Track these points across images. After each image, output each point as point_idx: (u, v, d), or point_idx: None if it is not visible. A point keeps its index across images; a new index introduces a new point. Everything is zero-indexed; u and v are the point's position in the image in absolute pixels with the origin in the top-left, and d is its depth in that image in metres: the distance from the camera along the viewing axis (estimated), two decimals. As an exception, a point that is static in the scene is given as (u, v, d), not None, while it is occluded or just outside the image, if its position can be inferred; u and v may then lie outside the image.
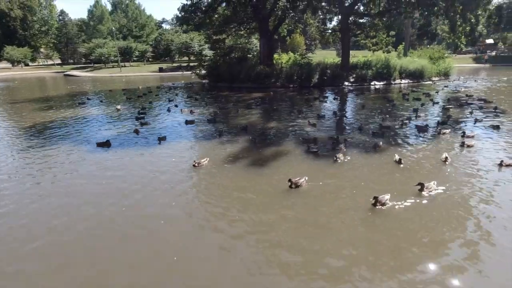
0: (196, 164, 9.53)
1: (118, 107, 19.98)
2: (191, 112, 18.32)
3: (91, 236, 6.34)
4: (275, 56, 37.30)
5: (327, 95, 24.88)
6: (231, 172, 9.32)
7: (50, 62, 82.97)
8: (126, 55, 66.40)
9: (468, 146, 10.88)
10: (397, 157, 9.67)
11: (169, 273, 5.27)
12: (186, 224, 6.74)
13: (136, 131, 14.05)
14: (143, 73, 56.62)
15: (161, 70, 57.78)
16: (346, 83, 30.82)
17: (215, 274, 5.20)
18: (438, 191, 7.65)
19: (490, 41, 75.04)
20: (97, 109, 20.59)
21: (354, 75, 31.42)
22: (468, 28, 28.97)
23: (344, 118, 16.81)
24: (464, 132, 12.27)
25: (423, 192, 7.52)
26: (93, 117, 18.07)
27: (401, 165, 9.33)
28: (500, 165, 9.04)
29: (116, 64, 62.58)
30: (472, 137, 12.01)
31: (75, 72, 59.91)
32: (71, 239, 6.26)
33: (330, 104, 21.47)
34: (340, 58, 35.46)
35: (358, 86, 29.96)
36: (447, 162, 9.28)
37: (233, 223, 6.65)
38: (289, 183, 7.94)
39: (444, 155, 9.51)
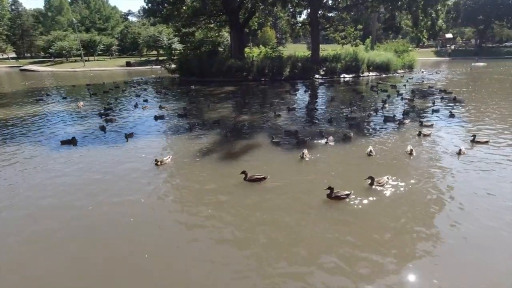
0: (159, 163, 9.08)
1: (80, 104, 18.79)
2: (160, 107, 17.70)
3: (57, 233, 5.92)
4: (247, 49, 37.06)
5: (298, 88, 25.12)
6: (200, 168, 9.10)
7: (3, 55, 76.83)
8: (89, 49, 63.07)
9: (425, 135, 11.26)
10: (369, 149, 9.79)
11: (143, 269, 5.03)
12: (153, 222, 6.48)
13: (103, 128, 13.33)
14: (109, 67, 54.13)
15: (128, 64, 55.56)
16: (317, 76, 31.32)
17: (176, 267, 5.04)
18: (391, 184, 7.61)
19: (449, 35, 79.62)
20: (59, 106, 19.35)
21: (324, 68, 32.00)
22: (429, 22, 30.43)
23: (315, 110, 17.02)
24: (421, 122, 12.85)
25: (373, 186, 7.38)
26: (55, 114, 16.97)
27: (371, 156, 9.54)
28: (459, 153, 9.41)
29: (79, 58, 59.29)
30: (431, 126, 12.60)
31: (33, 67, 56.02)
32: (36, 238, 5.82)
33: (301, 96, 21.68)
34: (310, 52, 35.94)
35: (328, 79, 30.55)
36: (412, 155, 9.34)
37: (192, 219, 6.50)
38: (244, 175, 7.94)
39: (409, 147, 9.61)
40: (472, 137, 10.57)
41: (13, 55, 77.55)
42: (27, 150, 11.00)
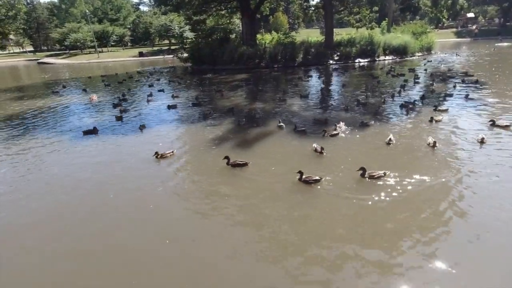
0: (159, 156, 8.91)
1: (94, 97, 18.64)
2: (173, 96, 17.77)
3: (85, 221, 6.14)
4: (258, 36, 36.44)
5: (311, 74, 24.65)
6: (215, 155, 9.14)
7: (21, 49, 78.74)
8: (103, 40, 63.69)
9: (436, 121, 10.82)
10: (389, 137, 9.39)
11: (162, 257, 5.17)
12: (173, 210, 6.61)
13: (119, 118, 13.60)
14: (122, 58, 54.63)
15: (141, 54, 55.88)
16: (331, 61, 30.61)
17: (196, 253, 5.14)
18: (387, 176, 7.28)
19: (470, 15, 75.65)
20: (77, 98, 19.72)
21: (338, 53, 31.23)
22: (449, 1, 29.09)
23: (328, 96, 16.70)
24: (435, 106, 12.45)
25: (365, 178, 7.13)
26: (74, 106, 17.31)
27: (390, 145, 9.25)
28: (481, 142, 8.79)
29: (93, 49, 60.05)
30: (445, 110, 12.16)
31: (49, 59, 57.20)
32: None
33: (314, 83, 21.29)
34: (324, 37, 35.03)
35: (342, 64, 29.82)
36: (436, 147, 8.60)
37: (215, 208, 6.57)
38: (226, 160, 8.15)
39: (431, 139, 8.85)
40: (491, 122, 10.25)
41: (30, 48, 79.32)
42: (53, 140, 11.41)
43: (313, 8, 40.72)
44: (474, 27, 65.80)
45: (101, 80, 26.34)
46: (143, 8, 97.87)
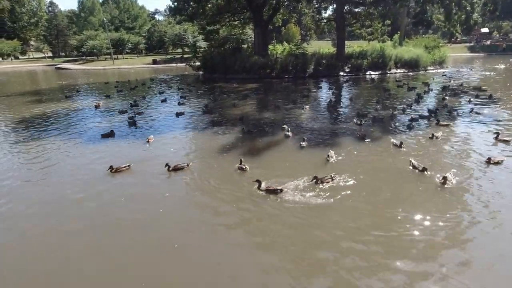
0: (113, 170, 8.56)
1: (100, 104, 18.69)
2: (179, 103, 18.14)
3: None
4: (270, 46, 36.88)
5: (321, 85, 24.69)
6: (222, 164, 9.18)
7: (40, 55, 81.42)
8: (118, 47, 65.33)
9: (436, 137, 10.58)
10: (396, 141, 9.93)
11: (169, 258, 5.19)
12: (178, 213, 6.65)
13: (133, 123, 13.91)
14: (136, 65, 55.82)
15: (155, 62, 57.00)
16: (342, 73, 30.62)
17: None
18: (337, 182, 7.54)
19: (485, 30, 74.92)
20: (90, 102, 20.20)
21: (349, 65, 31.22)
22: (463, 16, 28.84)
23: (339, 108, 16.68)
24: (438, 120, 12.38)
25: (319, 185, 7.34)
26: (89, 111, 17.69)
27: (403, 149, 9.54)
28: (488, 162, 8.39)
29: (109, 56, 61.58)
30: (446, 125, 12.00)
31: (66, 65, 58.90)
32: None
33: (323, 94, 21.31)
34: (335, 48, 35.17)
35: (353, 76, 29.79)
36: (448, 184, 7.33)
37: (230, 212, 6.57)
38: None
39: (448, 174, 7.53)
40: (496, 135, 10.38)
41: (49, 54, 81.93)
42: (74, 142, 11.73)
43: (325, 21, 41.02)
44: (501, 43, 64.56)
45: (114, 86, 26.93)
46: (159, 17, 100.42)
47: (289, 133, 11.55)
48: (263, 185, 7.31)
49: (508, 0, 62.25)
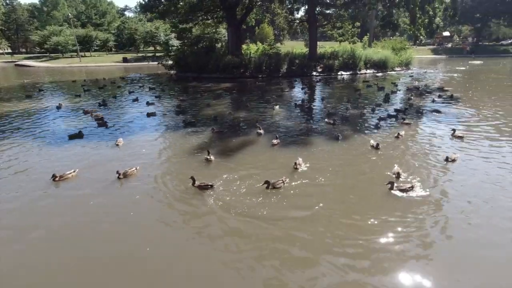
0: (57, 178, 7.94)
1: (61, 104, 17.71)
2: (148, 103, 17.60)
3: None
4: (244, 46, 36.82)
5: (295, 85, 25.04)
6: (194, 163, 9.05)
7: (-2, 51, 75.93)
8: (85, 44, 62.45)
9: (401, 135, 10.94)
10: (373, 142, 10.13)
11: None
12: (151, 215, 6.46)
13: (103, 124, 13.32)
14: (105, 63, 53.66)
15: (125, 60, 55.14)
16: (314, 73, 31.24)
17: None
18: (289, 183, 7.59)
19: (446, 33, 79.53)
20: (55, 102, 19.13)
21: (321, 65, 31.92)
22: (426, 20, 30.31)
23: (312, 107, 16.98)
24: (403, 118, 13.14)
25: (268, 188, 7.31)
26: (51, 111, 16.75)
27: (379, 151, 9.68)
28: (447, 160, 8.76)
29: (75, 53, 58.70)
30: (411, 124, 12.64)
31: (28, 62, 55.48)
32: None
33: (298, 94, 21.63)
34: (308, 49, 35.82)
35: (325, 76, 30.49)
36: (400, 177, 7.85)
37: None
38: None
39: (395, 168, 8.16)
40: (452, 131, 11.15)
41: (8, 50, 76.57)
42: (38, 144, 11.09)
43: (297, 21, 41.65)
44: (466, 46, 68.56)
45: (81, 85, 25.68)
46: (129, 14, 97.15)
47: (261, 131, 11.71)
48: (197, 182, 7.51)
49: (467, 6, 66.51)
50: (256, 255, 5.30)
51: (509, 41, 74.68)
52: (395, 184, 7.21)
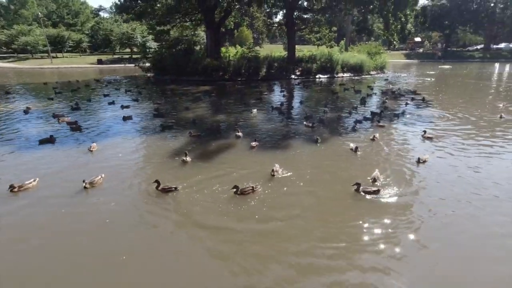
0: (15, 189, 7.36)
1: (30, 107, 16.89)
2: (122, 107, 17.05)
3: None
4: (223, 49, 36.70)
5: (274, 88, 25.24)
6: (173, 168, 8.88)
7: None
8: (57, 45, 59.82)
9: (376, 138, 11.18)
10: (352, 145, 10.24)
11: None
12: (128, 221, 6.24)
13: (77, 128, 12.80)
14: (79, 65, 51.69)
15: (100, 62, 53.38)
16: (293, 76, 31.64)
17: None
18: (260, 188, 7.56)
19: (418, 39, 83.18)
20: (24, 104, 18.18)
21: (300, 69, 32.38)
22: (399, 26, 31.58)
23: (290, 110, 17.16)
24: (378, 120, 13.57)
25: (237, 194, 7.24)
26: (18, 113, 15.92)
27: (358, 153, 9.86)
28: (418, 161, 9.06)
29: (46, 54, 56.12)
30: (385, 126, 13.09)
31: (-6, 63, 52.36)
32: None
33: (277, 97, 21.79)
34: (287, 52, 36.25)
35: (304, 79, 30.95)
36: (377, 182, 7.84)
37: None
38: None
39: (375, 173, 8.09)
40: (423, 133, 11.70)
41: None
42: (6, 149, 10.54)
43: (276, 25, 42.10)
44: (437, 51, 71.94)
45: (52, 87, 24.56)
46: (104, 14, 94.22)
47: (240, 134, 11.73)
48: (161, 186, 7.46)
49: (435, 14, 69.87)
50: (227, 265, 5.26)
51: (475, 47, 79.32)
52: (361, 187, 7.32)
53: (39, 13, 62.09)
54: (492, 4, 66.86)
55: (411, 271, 4.98)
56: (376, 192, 7.28)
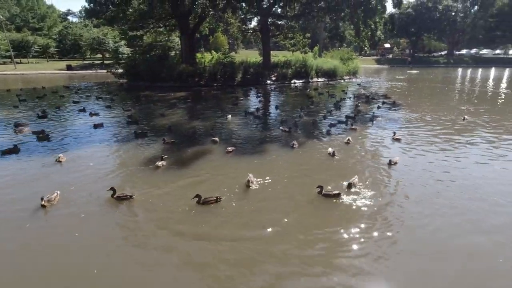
0: (46, 203, 6.93)
1: None
2: (91, 114, 16.38)
3: None
4: (198, 55, 36.43)
5: (249, 93, 25.34)
6: (149, 176, 8.61)
7: None
8: (22, 50, 56.87)
9: (349, 141, 11.51)
10: (330, 150, 10.35)
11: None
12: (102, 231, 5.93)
13: (45, 138, 12.15)
14: (46, 71, 49.29)
15: (69, 68, 51.19)
16: (269, 81, 31.94)
17: None
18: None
19: (387, 45, 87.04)
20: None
21: (275, 74, 32.76)
22: (369, 33, 32.87)
23: (266, 115, 17.26)
24: (352, 124, 14.09)
25: (199, 203, 7.04)
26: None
27: (336, 157, 9.99)
28: (390, 163, 9.33)
29: (9, 60, 53.12)
30: (358, 129, 13.49)
31: (-50, 69, 48.76)
32: None
33: (252, 102, 21.88)
34: (262, 58, 36.59)
35: (279, 84, 31.34)
36: (352, 188, 7.87)
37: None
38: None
39: (354, 179, 8.08)
40: (393, 134, 12.23)
41: None
42: None
43: (251, 31, 42.44)
44: (407, 57, 75.49)
45: (16, 95, 23.20)
46: (72, 19, 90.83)
47: (216, 139, 11.66)
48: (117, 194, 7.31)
49: (402, 21, 73.57)
50: (202, 275, 5.15)
51: (439, 53, 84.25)
52: (324, 191, 7.40)
53: (0, 16, 58.75)
54: (453, 13, 71.33)
55: (389, 272, 5.09)
56: (337, 195, 7.35)
